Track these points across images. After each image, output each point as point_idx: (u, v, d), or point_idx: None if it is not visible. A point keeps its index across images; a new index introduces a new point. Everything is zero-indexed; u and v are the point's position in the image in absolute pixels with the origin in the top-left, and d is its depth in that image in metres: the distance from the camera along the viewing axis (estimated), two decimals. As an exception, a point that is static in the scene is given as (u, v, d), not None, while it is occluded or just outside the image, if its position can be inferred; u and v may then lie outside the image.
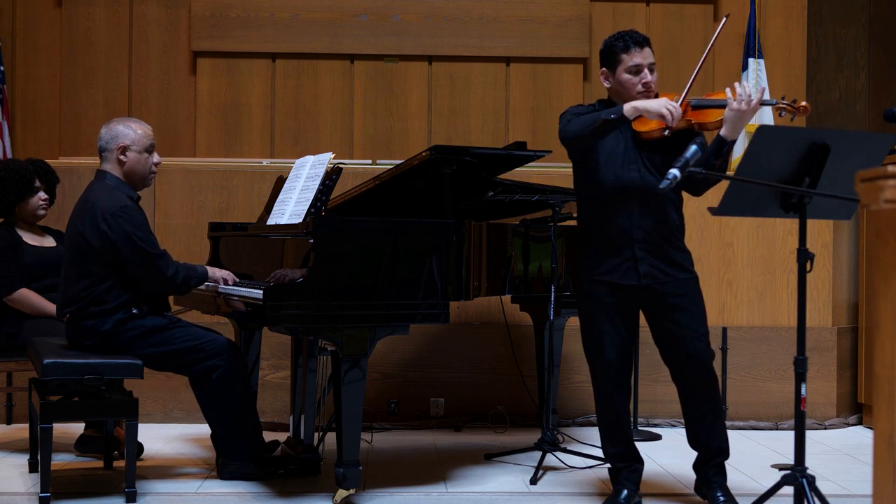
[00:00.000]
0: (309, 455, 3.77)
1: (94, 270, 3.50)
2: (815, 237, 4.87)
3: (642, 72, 3.21)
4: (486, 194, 3.87)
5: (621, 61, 3.22)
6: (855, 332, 5.14)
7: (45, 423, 3.28)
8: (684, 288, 3.25)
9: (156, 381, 4.53)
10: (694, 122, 3.16)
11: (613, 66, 3.26)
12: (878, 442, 1.75)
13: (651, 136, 3.18)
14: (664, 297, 3.24)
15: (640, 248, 3.21)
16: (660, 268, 3.23)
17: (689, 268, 3.29)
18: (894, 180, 1.68)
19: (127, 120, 3.72)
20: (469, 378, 4.88)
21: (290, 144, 6.68)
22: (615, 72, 3.25)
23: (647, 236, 3.21)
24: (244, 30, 6.67)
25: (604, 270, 3.28)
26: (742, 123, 3.09)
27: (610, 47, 3.27)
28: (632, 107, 3.07)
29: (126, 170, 3.65)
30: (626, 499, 3.33)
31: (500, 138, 6.69)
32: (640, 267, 3.22)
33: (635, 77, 3.21)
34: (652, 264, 3.22)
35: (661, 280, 3.23)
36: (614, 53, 3.25)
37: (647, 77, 3.21)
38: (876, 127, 6.73)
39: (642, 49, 3.22)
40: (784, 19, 6.91)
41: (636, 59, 3.21)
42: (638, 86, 3.21)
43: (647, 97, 3.20)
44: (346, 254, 3.28)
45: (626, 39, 3.23)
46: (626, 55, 3.21)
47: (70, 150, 6.57)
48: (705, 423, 3.31)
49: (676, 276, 3.24)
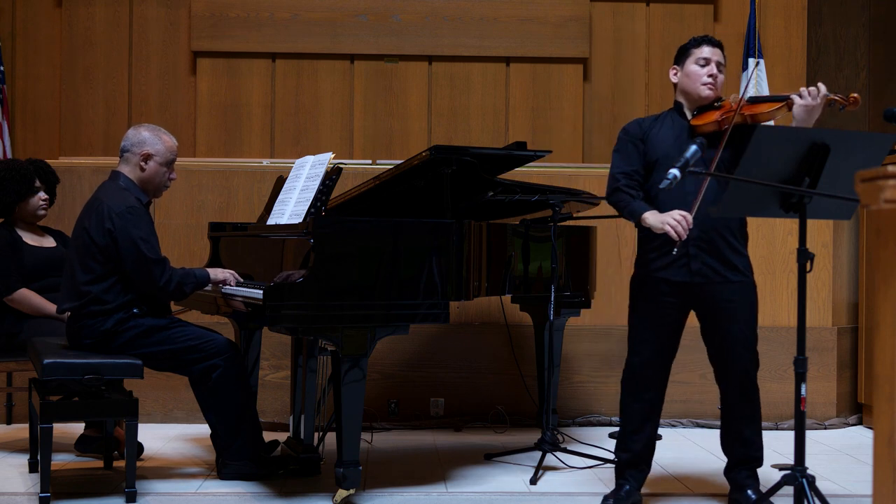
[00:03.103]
0: (309, 455, 3.76)
1: (95, 268, 3.50)
2: (815, 237, 4.87)
3: (710, 64, 3.30)
4: (486, 194, 3.87)
5: (691, 54, 3.34)
6: (855, 332, 5.14)
7: (45, 423, 3.27)
8: (738, 293, 3.26)
9: (156, 381, 4.53)
10: (747, 115, 3.21)
11: (683, 59, 3.37)
12: (878, 442, 1.75)
13: (708, 129, 3.23)
14: (717, 302, 3.25)
15: (694, 246, 3.22)
16: (713, 267, 3.23)
17: (745, 272, 3.29)
18: (894, 180, 1.68)
19: (157, 129, 3.71)
20: (469, 378, 4.88)
21: (290, 144, 6.68)
22: (684, 64, 3.36)
23: (702, 234, 3.22)
24: (244, 30, 6.67)
25: (659, 266, 3.28)
26: (812, 118, 3.17)
27: (683, 45, 3.40)
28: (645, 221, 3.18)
29: (143, 177, 3.66)
30: (627, 493, 3.34)
31: (500, 138, 6.69)
32: (692, 264, 3.23)
33: (702, 69, 3.31)
34: (705, 262, 3.23)
35: (714, 280, 3.23)
36: (686, 48, 3.38)
37: (713, 70, 3.30)
38: (876, 127, 6.74)
39: (713, 47, 3.35)
40: (784, 19, 6.91)
41: (706, 53, 3.32)
42: (704, 77, 3.30)
43: (711, 91, 3.30)
44: (346, 254, 3.28)
45: (700, 38, 3.39)
46: (697, 49, 3.34)
47: (70, 150, 6.57)
48: (741, 430, 3.33)
49: (730, 278, 3.24)
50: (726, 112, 3.23)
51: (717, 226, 3.23)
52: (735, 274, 3.25)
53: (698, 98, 3.31)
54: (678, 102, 3.39)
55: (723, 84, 3.36)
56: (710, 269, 3.23)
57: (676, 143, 3.27)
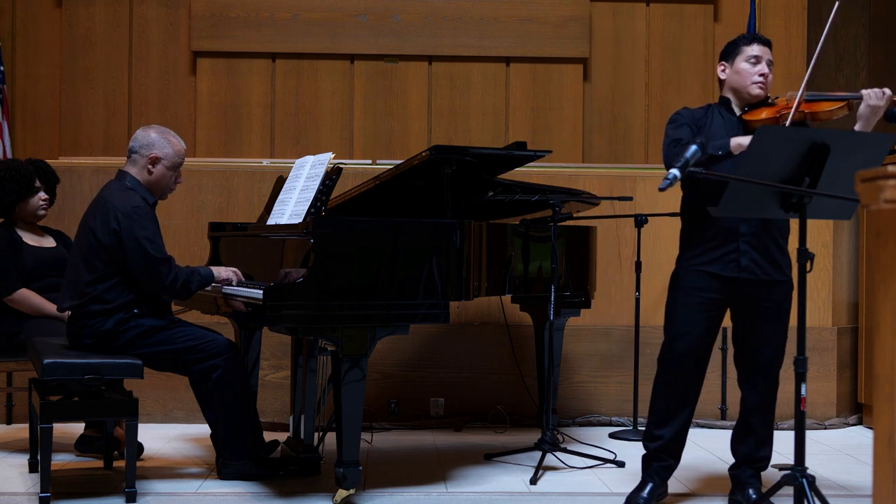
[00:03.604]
0: (309, 455, 3.76)
1: (99, 267, 3.50)
2: (815, 237, 4.87)
3: (760, 63, 3.31)
4: (486, 194, 3.87)
5: (741, 52, 3.34)
6: (855, 332, 5.14)
7: (45, 423, 3.27)
8: (778, 295, 3.29)
9: (156, 381, 4.53)
10: (807, 113, 3.22)
11: (733, 56, 3.36)
12: (878, 442, 1.75)
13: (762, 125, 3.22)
14: (756, 300, 3.28)
15: (745, 242, 3.24)
16: (760, 264, 3.26)
17: (787, 271, 3.32)
18: (894, 180, 1.68)
19: (166, 132, 3.71)
20: (469, 378, 4.88)
21: (290, 144, 6.68)
22: (734, 62, 3.35)
23: (752, 230, 3.24)
24: (244, 30, 6.67)
25: (706, 261, 3.29)
26: (875, 118, 3.19)
27: (734, 41, 3.40)
28: (737, 143, 3.14)
29: (150, 180, 3.67)
30: (650, 492, 3.34)
31: (500, 138, 6.69)
32: (741, 260, 3.24)
33: (753, 67, 3.31)
34: (753, 259, 3.25)
35: (760, 277, 3.26)
36: (736, 45, 3.37)
37: (764, 69, 3.31)
38: (876, 127, 6.73)
39: (763, 46, 3.34)
40: (784, 19, 6.90)
41: (756, 51, 3.32)
42: (754, 76, 3.30)
43: (762, 90, 3.30)
44: (346, 254, 3.28)
45: (750, 36, 3.38)
46: (748, 47, 3.34)
47: (70, 149, 6.57)
48: (755, 429, 3.35)
49: (773, 277, 3.27)
50: (783, 109, 3.24)
51: (766, 223, 3.25)
52: (778, 272, 3.29)
53: (748, 96, 3.32)
54: (725, 98, 3.38)
55: (772, 83, 3.36)
56: (757, 267, 3.26)
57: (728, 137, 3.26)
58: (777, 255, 3.29)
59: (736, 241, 3.24)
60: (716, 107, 3.39)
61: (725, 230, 3.25)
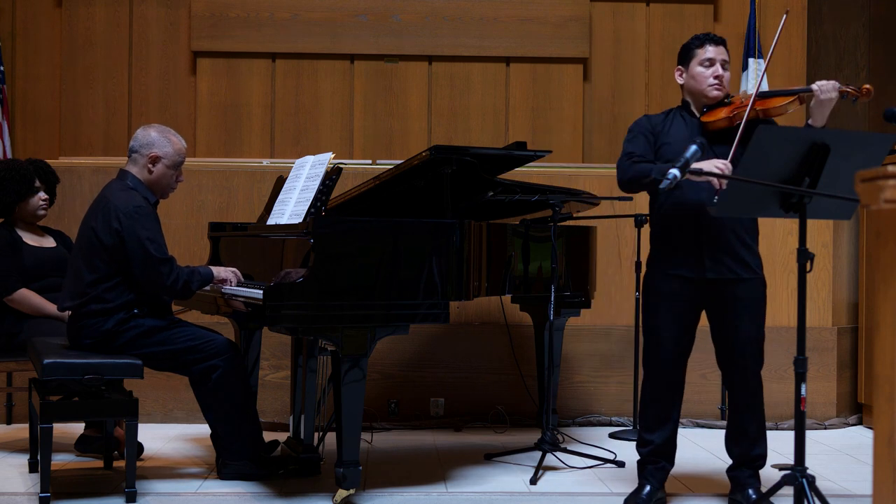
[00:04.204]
0: (309, 455, 3.76)
1: (101, 267, 3.50)
2: (815, 237, 4.87)
3: (715, 65, 3.31)
4: (486, 194, 3.87)
5: (695, 55, 3.34)
6: (855, 332, 5.14)
7: (45, 423, 3.27)
8: (749, 291, 3.28)
9: (156, 381, 4.53)
10: (760, 110, 3.22)
11: (688, 61, 3.37)
12: (878, 442, 1.75)
13: (719, 125, 3.24)
14: (729, 298, 3.27)
15: (707, 243, 3.24)
16: (727, 263, 3.25)
17: (757, 269, 3.31)
18: (894, 180, 1.68)
19: (166, 131, 3.71)
20: (469, 378, 4.88)
21: (290, 144, 6.68)
22: (689, 66, 3.36)
23: (715, 231, 3.24)
24: (244, 30, 6.67)
25: (673, 264, 3.30)
26: (827, 110, 3.17)
27: (686, 45, 3.39)
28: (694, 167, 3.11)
29: (151, 179, 3.66)
30: (648, 495, 3.35)
31: (500, 138, 6.69)
32: (706, 261, 3.25)
33: (707, 70, 3.31)
34: (719, 260, 3.25)
35: (728, 276, 3.25)
36: (690, 49, 3.37)
37: (719, 70, 3.31)
38: (876, 127, 6.74)
39: (717, 46, 3.34)
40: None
41: (710, 53, 3.32)
42: (710, 78, 3.31)
43: (719, 91, 3.31)
44: (346, 254, 3.28)
45: (702, 37, 3.37)
46: (701, 49, 3.34)
47: (70, 149, 6.57)
48: (745, 428, 3.34)
49: (741, 275, 3.26)
50: (737, 108, 3.24)
51: (730, 223, 3.25)
52: (747, 271, 3.28)
53: (706, 99, 3.33)
54: (686, 101, 3.40)
55: (729, 80, 3.37)
56: (723, 267, 3.25)
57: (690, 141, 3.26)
58: (744, 253, 3.27)
59: (699, 242, 3.24)
60: (677, 110, 3.41)
61: (689, 232, 3.26)
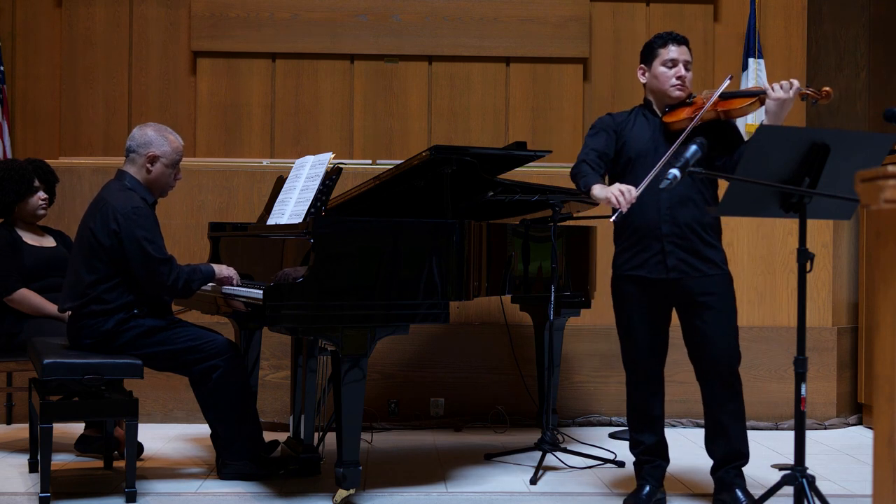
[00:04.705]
0: (309, 455, 3.76)
1: (100, 268, 3.50)
2: (815, 237, 4.87)
3: (677, 65, 3.29)
4: (486, 194, 3.87)
5: (658, 55, 3.32)
6: (855, 332, 5.14)
7: (45, 423, 3.27)
8: (715, 286, 3.26)
9: (156, 381, 4.53)
10: (720, 111, 3.21)
11: (650, 60, 3.34)
12: (878, 442, 1.75)
13: (680, 126, 3.23)
14: (695, 295, 3.25)
15: (669, 242, 3.23)
16: (689, 262, 3.23)
17: (721, 264, 3.29)
18: (894, 180, 1.68)
19: (163, 129, 3.70)
20: (469, 378, 4.88)
21: (290, 144, 6.68)
22: (651, 66, 3.33)
23: (676, 230, 3.23)
24: (244, 30, 6.67)
25: (634, 265, 3.29)
26: (784, 112, 3.15)
27: (649, 44, 3.37)
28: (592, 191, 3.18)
29: (149, 178, 3.66)
30: (647, 495, 3.35)
31: (500, 138, 6.69)
32: (668, 260, 3.23)
33: (670, 70, 3.29)
34: (680, 258, 3.23)
35: (691, 275, 3.24)
36: (652, 48, 3.35)
37: (681, 71, 3.29)
38: (876, 127, 6.74)
39: (679, 46, 3.32)
40: (784, 19, 6.91)
41: (672, 53, 3.30)
42: (672, 79, 3.29)
43: (681, 91, 3.29)
44: (346, 254, 3.28)
45: (664, 36, 3.34)
46: (664, 49, 3.31)
47: (70, 149, 6.57)
48: (726, 427, 3.31)
49: (706, 272, 3.24)
50: (699, 108, 3.23)
51: (689, 221, 3.23)
52: (711, 267, 3.26)
53: (668, 99, 3.32)
54: (648, 100, 3.39)
55: (692, 80, 3.35)
56: (685, 265, 3.24)
57: (652, 141, 3.28)
58: (706, 251, 3.25)
59: (660, 241, 3.23)
60: (640, 108, 3.40)
61: (648, 232, 3.25)
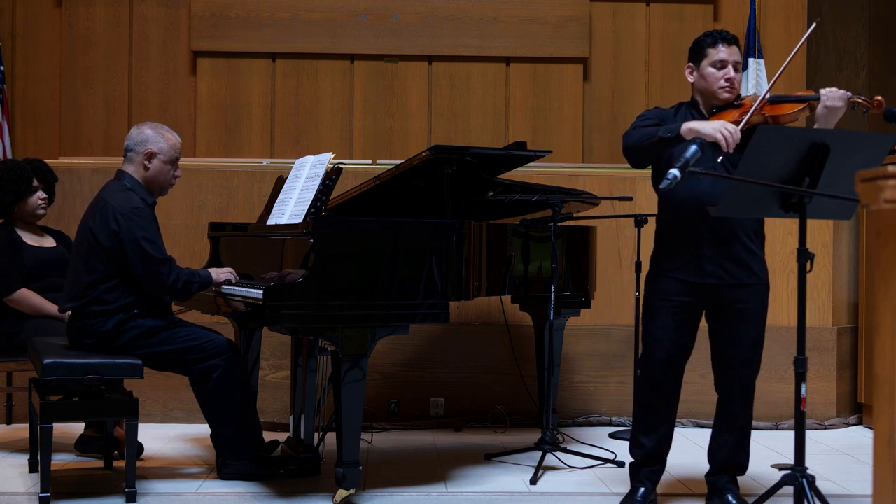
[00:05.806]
0: (309, 455, 3.76)
1: (100, 268, 3.50)
2: (815, 237, 4.87)
3: (726, 67, 3.22)
4: (486, 194, 3.87)
5: (707, 55, 3.25)
6: (855, 332, 5.14)
7: (45, 423, 3.27)
8: (750, 296, 3.23)
9: (156, 381, 4.53)
10: (768, 116, 3.15)
11: (699, 59, 3.28)
12: (878, 442, 1.75)
13: None
14: (728, 302, 3.22)
15: (709, 247, 3.19)
16: (727, 268, 3.20)
17: (760, 274, 3.25)
18: (894, 180, 1.68)
19: (160, 127, 3.71)
20: (469, 378, 4.88)
21: (290, 144, 6.68)
22: (700, 65, 3.28)
23: (717, 235, 3.19)
24: (244, 30, 6.67)
25: (674, 267, 3.26)
26: (834, 120, 3.12)
27: (698, 42, 3.30)
28: (688, 128, 3.05)
29: (148, 176, 3.66)
30: (643, 496, 3.34)
31: (500, 138, 6.69)
32: (706, 265, 3.19)
33: (719, 72, 3.23)
34: (719, 263, 3.19)
35: (728, 282, 3.20)
36: (701, 48, 3.28)
37: (730, 73, 3.22)
38: (876, 127, 6.73)
39: (729, 46, 3.25)
40: (784, 19, 6.90)
41: (722, 54, 3.23)
42: (721, 80, 3.23)
43: (730, 94, 3.23)
44: (346, 254, 3.28)
45: (714, 35, 3.27)
46: (713, 49, 3.25)
47: (70, 149, 6.57)
48: (735, 436, 3.31)
49: (743, 280, 3.21)
50: (745, 111, 3.15)
51: (732, 226, 3.19)
52: (749, 276, 3.22)
53: (716, 100, 3.26)
54: (695, 99, 3.33)
55: (740, 81, 3.30)
56: (723, 271, 3.20)
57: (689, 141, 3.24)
58: (747, 258, 3.22)
59: (701, 245, 3.20)
60: (686, 106, 3.35)
61: (691, 235, 3.22)
